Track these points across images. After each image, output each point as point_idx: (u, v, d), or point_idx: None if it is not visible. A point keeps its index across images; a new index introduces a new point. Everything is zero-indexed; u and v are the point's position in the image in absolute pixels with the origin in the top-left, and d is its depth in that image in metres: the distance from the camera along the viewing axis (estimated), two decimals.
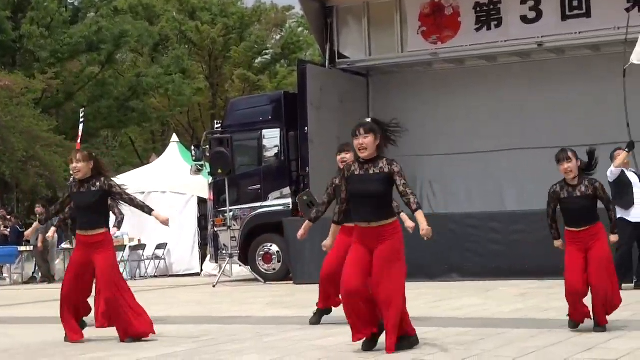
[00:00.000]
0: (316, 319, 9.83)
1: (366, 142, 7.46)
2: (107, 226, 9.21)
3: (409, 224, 7.99)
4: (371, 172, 7.48)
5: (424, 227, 7.48)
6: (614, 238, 8.52)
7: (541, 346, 7.52)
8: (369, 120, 7.84)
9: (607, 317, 8.26)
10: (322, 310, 9.85)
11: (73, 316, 9.03)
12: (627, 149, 12.40)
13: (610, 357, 6.67)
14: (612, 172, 12.52)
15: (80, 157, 8.98)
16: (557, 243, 8.58)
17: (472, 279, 14.95)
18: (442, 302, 12.18)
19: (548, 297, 10.14)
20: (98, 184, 9.02)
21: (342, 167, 8.37)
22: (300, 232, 9.51)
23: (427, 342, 8.03)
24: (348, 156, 8.60)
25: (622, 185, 12.62)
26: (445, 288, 14.11)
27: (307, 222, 9.52)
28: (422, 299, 12.74)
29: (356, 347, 7.51)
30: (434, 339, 8.23)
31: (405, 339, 7.52)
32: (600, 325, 8.20)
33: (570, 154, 8.35)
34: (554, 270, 8.69)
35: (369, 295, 7.53)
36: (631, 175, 12.72)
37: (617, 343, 6.69)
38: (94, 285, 9.43)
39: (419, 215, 7.54)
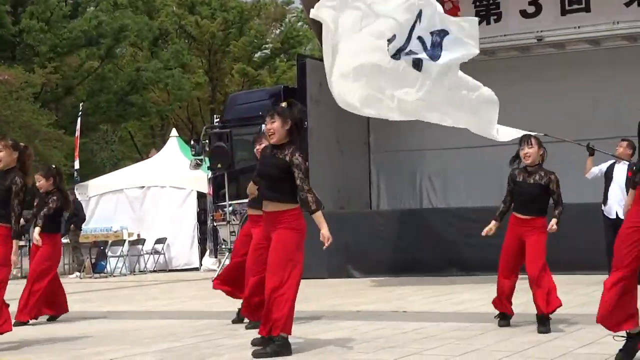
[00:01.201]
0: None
1: (273, 127, 7.39)
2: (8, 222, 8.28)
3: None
4: (277, 155, 7.42)
5: (324, 232, 7.18)
6: (553, 222, 8.53)
7: (540, 341, 7.54)
8: (283, 104, 7.69)
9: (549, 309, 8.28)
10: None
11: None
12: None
13: (608, 352, 6.68)
14: (592, 174, 12.68)
15: (2, 146, 8.39)
16: (491, 224, 8.85)
17: (473, 273, 14.96)
18: (442, 297, 12.20)
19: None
20: (9, 179, 8.31)
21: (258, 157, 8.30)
22: None
23: (428, 337, 8.05)
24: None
25: (605, 181, 12.69)
26: (446, 283, 14.13)
27: None
28: (422, 293, 12.77)
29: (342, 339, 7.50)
30: (434, 334, 8.25)
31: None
32: (543, 314, 8.23)
33: (534, 140, 8.51)
34: (554, 266, 8.70)
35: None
36: (618, 171, 12.58)
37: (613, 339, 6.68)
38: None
39: (318, 218, 7.27)
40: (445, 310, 10.42)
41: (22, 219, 8.60)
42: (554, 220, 8.51)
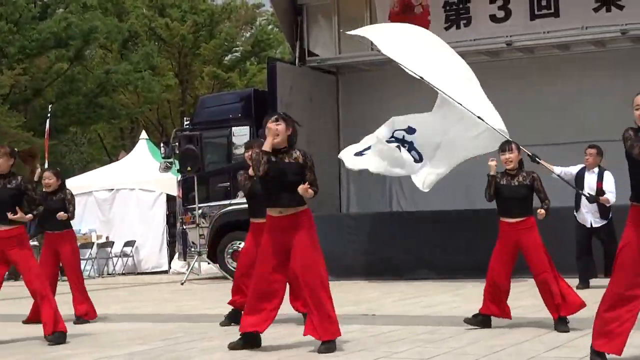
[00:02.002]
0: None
1: (279, 128, 7.55)
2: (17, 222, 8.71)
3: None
4: (284, 160, 7.59)
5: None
6: (542, 211, 8.61)
7: (509, 344, 7.56)
8: (282, 113, 8.00)
9: (567, 311, 8.36)
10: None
11: None
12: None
13: (577, 355, 6.72)
14: (564, 173, 12.53)
15: (2, 154, 8.70)
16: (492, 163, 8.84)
17: (442, 276, 15.02)
18: (411, 299, 12.24)
19: (517, 295, 10.16)
20: (14, 182, 8.70)
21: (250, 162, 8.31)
22: None
23: (398, 340, 8.06)
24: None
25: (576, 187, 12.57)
26: (415, 286, 14.18)
27: None
28: (391, 296, 12.79)
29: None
30: (404, 337, 8.26)
31: None
32: (560, 320, 8.29)
33: (513, 146, 8.72)
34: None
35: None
36: (588, 179, 12.48)
37: (584, 341, 6.73)
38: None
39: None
40: (415, 313, 10.44)
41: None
42: (542, 211, 8.58)
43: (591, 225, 12.51)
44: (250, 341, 7.69)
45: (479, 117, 11.33)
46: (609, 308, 6.38)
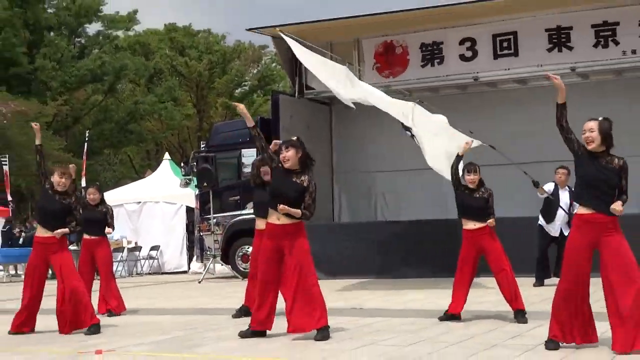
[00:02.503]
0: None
1: (288, 155, 7.65)
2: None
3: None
4: (295, 179, 7.65)
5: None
6: (491, 220, 8.62)
7: (476, 334, 7.55)
8: (294, 138, 7.98)
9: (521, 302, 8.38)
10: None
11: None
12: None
13: (534, 343, 6.71)
14: (546, 193, 12.45)
15: (69, 176, 8.88)
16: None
17: (419, 275, 14.98)
18: (393, 295, 12.21)
19: (483, 291, 10.19)
20: (67, 200, 8.83)
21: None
22: None
23: (381, 330, 8.04)
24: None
25: (551, 203, 12.45)
26: (396, 284, 14.14)
27: None
28: (376, 293, 12.76)
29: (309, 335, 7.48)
30: (387, 327, 8.24)
31: None
32: (519, 311, 8.29)
33: (477, 168, 8.82)
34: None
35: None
36: (563, 194, 12.48)
37: (540, 331, 6.72)
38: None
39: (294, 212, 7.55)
40: (396, 307, 10.41)
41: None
42: (492, 220, 8.59)
43: (560, 233, 12.43)
44: (257, 333, 7.68)
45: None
46: (561, 301, 6.39)
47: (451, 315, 8.64)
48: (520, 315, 8.28)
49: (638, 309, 6.09)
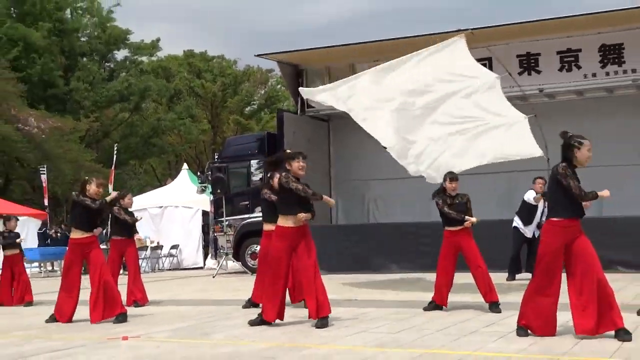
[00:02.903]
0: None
1: (307, 165, 7.88)
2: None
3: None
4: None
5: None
6: (469, 220, 8.61)
7: (456, 322, 7.55)
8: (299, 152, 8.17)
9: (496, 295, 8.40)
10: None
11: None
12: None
13: (507, 330, 6.71)
14: (529, 199, 12.29)
15: (101, 184, 9.07)
16: (468, 222, 8.65)
17: (406, 271, 14.98)
18: (383, 289, 12.19)
19: (463, 286, 10.14)
20: (98, 204, 8.91)
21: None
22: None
23: (373, 319, 8.03)
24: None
25: (530, 207, 12.41)
26: (386, 278, 14.14)
27: None
28: (368, 286, 12.75)
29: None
30: (378, 316, 8.24)
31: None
32: (493, 303, 8.30)
33: (456, 177, 8.87)
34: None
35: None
36: (540, 201, 12.54)
37: (513, 319, 6.72)
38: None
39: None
40: (386, 299, 10.41)
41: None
42: (471, 220, 8.60)
43: (533, 235, 12.41)
44: (266, 322, 7.66)
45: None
46: (532, 295, 6.39)
47: (435, 306, 8.64)
48: (494, 306, 8.28)
49: (600, 298, 6.09)
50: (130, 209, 11.21)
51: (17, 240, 12.46)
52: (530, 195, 12.28)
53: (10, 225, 12.50)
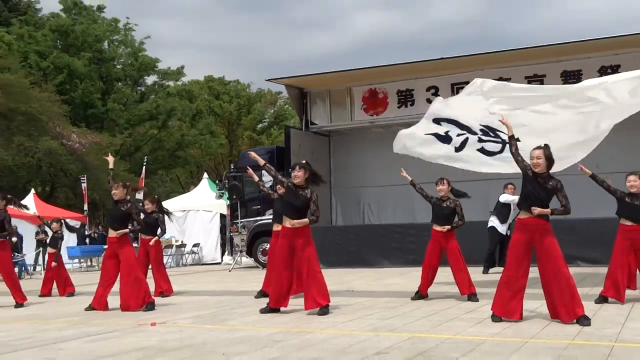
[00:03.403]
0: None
1: (299, 174, 7.65)
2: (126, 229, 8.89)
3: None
4: (301, 192, 7.62)
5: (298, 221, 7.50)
6: (447, 227, 8.56)
7: (439, 310, 7.50)
8: (304, 162, 8.01)
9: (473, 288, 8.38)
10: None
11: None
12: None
13: (483, 316, 6.66)
14: (508, 200, 12.26)
15: (118, 186, 8.84)
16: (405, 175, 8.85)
17: (396, 266, 14.96)
18: (376, 281, 12.16)
19: (446, 278, 10.08)
20: (124, 207, 8.77)
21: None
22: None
23: (368, 307, 7.99)
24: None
25: (506, 207, 12.44)
26: (379, 272, 14.10)
27: None
28: (363, 279, 12.71)
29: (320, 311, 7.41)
30: (372, 305, 8.19)
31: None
32: (472, 294, 8.26)
33: (445, 181, 8.75)
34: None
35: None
36: (515, 200, 12.50)
37: (489, 308, 6.67)
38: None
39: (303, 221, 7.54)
40: (379, 290, 10.37)
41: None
42: (447, 226, 8.56)
43: (506, 233, 12.39)
44: (274, 310, 7.63)
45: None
46: (504, 286, 6.36)
47: (420, 295, 8.60)
48: (473, 297, 8.24)
49: (566, 290, 6.07)
50: (151, 210, 10.97)
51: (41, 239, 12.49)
52: (507, 198, 12.30)
53: (54, 227, 12.45)
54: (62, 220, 13.05)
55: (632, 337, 5.39)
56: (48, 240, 12.55)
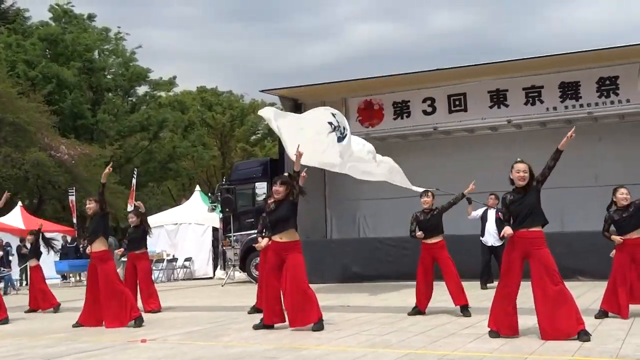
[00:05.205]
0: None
1: (280, 189, 7.62)
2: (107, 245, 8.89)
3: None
4: (280, 207, 7.61)
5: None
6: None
7: (437, 325, 7.51)
8: (286, 174, 8.01)
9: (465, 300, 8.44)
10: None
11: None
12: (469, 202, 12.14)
13: (481, 332, 6.67)
14: (473, 217, 12.61)
15: (93, 200, 8.87)
16: (419, 234, 8.75)
17: (392, 280, 14.92)
18: (372, 296, 12.15)
19: (441, 292, 10.09)
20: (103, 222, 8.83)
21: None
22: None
23: (363, 322, 7.98)
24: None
25: (482, 221, 12.74)
26: (374, 287, 14.08)
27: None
28: (359, 294, 12.70)
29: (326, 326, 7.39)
30: (368, 320, 8.19)
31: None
32: (463, 306, 8.29)
33: (430, 193, 8.89)
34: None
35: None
36: (491, 212, 12.63)
37: (486, 323, 6.67)
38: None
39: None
40: (375, 305, 10.37)
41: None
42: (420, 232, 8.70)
43: (492, 245, 12.51)
44: (268, 326, 7.60)
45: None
46: (497, 301, 6.39)
47: (417, 311, 8.59)
48: (465, 309, 8.27)
49: (561, 304, 6.07)
50: (134, 224, 10.89)
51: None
52: (473, 215, 12.56)
53: (29, 239, 12.47)
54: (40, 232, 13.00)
55: (633, 352, 5.40)
56: (28, 253, 12.59)
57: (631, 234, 7.55)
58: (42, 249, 12.60)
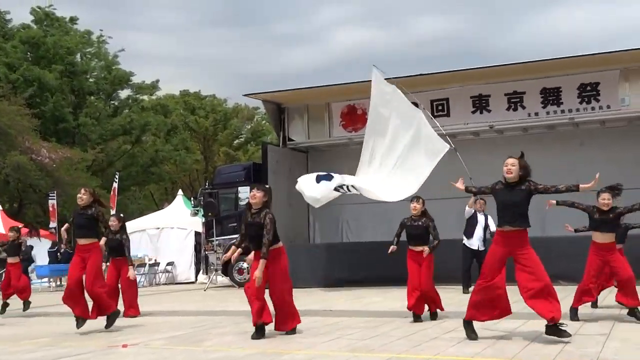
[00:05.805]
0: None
1: (257, 195, 7.41)
2: (97, 238, 8.65)
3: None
4: (256, 219, 7.33)
5: (257, 273, 7.13)
6: (427, 249, 8.49)
7: (419, 329, 7.53)
8: (267, 186, 7.79)
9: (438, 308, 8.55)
10: None
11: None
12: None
13: (464, 336, 6.70)
14: (465, 213, 12.65)
15: (86, 191, 8.72)
16: (392, 248, 8.72)
17: (375, 284, 14.94)
18: (355, 300, 12.16)
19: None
20: (90, 212, 8.55)
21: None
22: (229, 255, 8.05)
23: (346, 327, 7.99)
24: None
25: (471, 223, 12.70)
26: (357, 291, 14.09)
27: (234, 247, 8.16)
28: (342, 298, 12.70)
29: (313, 330, 7.39)
30: (351, 325, 8.19)
31: None
32: (433, 312, 8.46)
33: (420, 199, 8.77)
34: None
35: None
36: (480, 216, 12.74)
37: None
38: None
39: (262, 264, 7.13)
40: (357, 309, 10.37)
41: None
42: (427, 249, 8.52)
43: (478, 248, 12.57)
44: (260, 328, 7.31)
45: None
46: (476, 294, 6.48)
47: (417, 317, 8.42)
48: (433, 315, 8.36)
49: (545, 295, 6.17)
50: (114, 229, 10.74)
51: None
52: (470, 211, 12.54)
53: (12, 236, 12.70)
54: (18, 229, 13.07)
55: (613, 356, 5.46)
56: (5, 249, 12.63)
57: (603, 236, 7.72)
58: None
